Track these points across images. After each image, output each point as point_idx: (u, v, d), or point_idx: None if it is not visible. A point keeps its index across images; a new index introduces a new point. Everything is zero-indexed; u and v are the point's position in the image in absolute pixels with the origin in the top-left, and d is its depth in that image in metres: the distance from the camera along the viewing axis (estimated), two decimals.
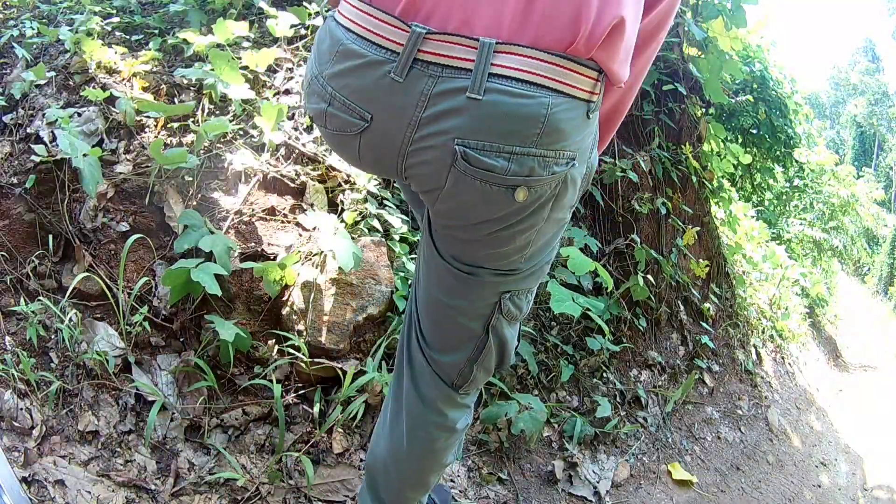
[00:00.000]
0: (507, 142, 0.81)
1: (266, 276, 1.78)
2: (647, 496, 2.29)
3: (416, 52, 0.81)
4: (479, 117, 0.80)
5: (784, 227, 8.04)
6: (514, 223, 0.92)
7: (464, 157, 0.82)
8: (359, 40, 0.85)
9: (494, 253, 0.98)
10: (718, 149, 4.29)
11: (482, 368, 1.14)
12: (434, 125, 0.83)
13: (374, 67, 0.84)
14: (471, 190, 0.86)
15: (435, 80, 0.81)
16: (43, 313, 1.74)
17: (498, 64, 0.79)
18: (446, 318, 1.09)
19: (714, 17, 3.09)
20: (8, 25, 2.66)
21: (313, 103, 0.93)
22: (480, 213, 0.91)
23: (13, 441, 1.44)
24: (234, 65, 2.16)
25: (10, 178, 1.96)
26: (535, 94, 0.80)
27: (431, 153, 0.85)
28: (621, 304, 2.82)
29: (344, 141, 0.93)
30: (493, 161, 0.82)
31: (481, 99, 0.79)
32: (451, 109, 0.81)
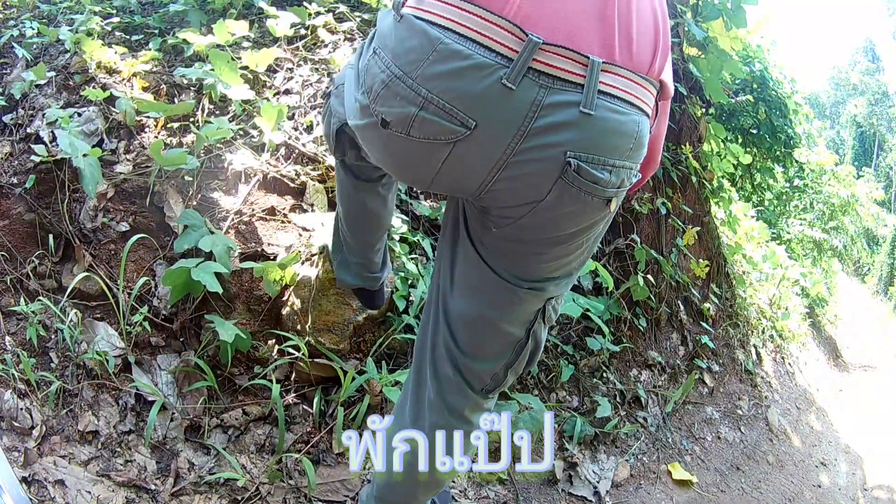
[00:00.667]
0: (611, 156, 0.86)
1: (266, 276, 1.78)
2: (647, 496, 2.29)
3: (530, 61, 0.80)
4: (590, 131, 0.83)
5: (784, 227, 8.04)
6: (592, 231, 0.96)
7: (576, 170, 0.84)
8: (463, 40, 0.80)
9: (559, 262, 1.00)
10: (718, 149, 4.28)
11: (514, 371, 1.15)
12: (544, 137, 0.82)
13: (483, 71, 0.80)
14: (574, 201, 0.88)
15: (546, 91, 0.81)
16: (43, 313, 1.74)
17: (604, 82, 0.83)
18: (492, 328, 1.09)
19: (714, 17, 3.09)
20: (8, 25, 2.66)
21: (394, 106, 0.85)
22: (574, 224, 0.93)
23: (13, 441, 1.44)
24: (234, 66, 2.16)
25: (10, 178, 1.96)
26: (630, 112, 0.86)
27: (537, 165, 0.85)
28: (621, 304, 2.82)
29: (427, 150, 0.87)
30: (600, 174, 0.86)
31: (593, 114, 0.82)
32: (563, 122, 0.82)
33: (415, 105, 0.83)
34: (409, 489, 1.26)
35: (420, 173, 0.93)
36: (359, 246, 1.50)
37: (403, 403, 1.26)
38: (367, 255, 1.53)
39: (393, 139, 0.89)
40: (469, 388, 1.14)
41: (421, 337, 1.22)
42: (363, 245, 1.49)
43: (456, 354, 1.13)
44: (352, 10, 2.85)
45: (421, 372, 1.20)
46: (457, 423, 1.17)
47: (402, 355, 2.03)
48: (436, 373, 1.17)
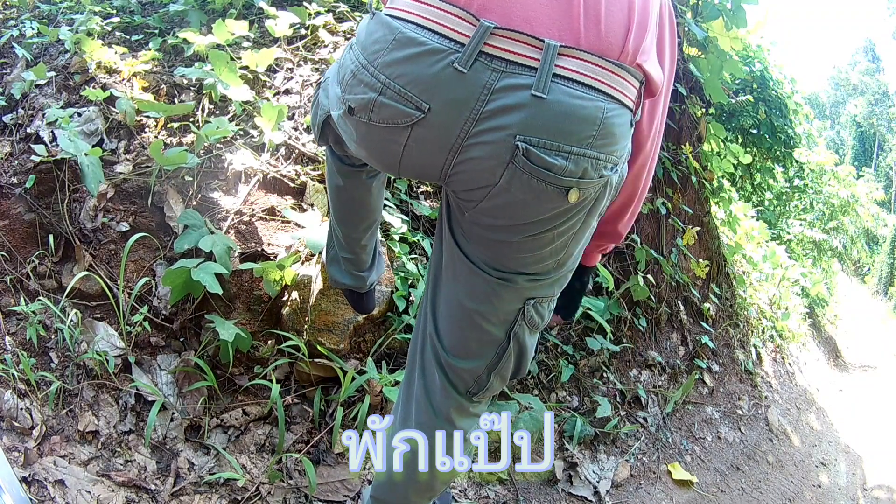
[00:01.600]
0: (567, 141, 0.83)
1: (266, 276, 1.78)
2: (647, 496, 2.29)
3: (482, 45, 0.81)
4: (542, 115, 0.81)
5: (784, 227, 8.04)
6: (558, 225, 0.93)
7: (525, 154, 0.83)
8: (419, 29, 0.83)
9: (532, 256, 0.98)
10: (718, 149, 4.28)
11: (499, 376, 1.13)
12: (495, 119, 0.82)
13: (436, 56, 0.82)
14: (525, 188, 0.86)
15: (499, 75, 0.81)
16: (43, 313, 1.74)
17: (561, 66, 0.81)
18: (469, 322, 1.08)
19: (714, 17, 3.09)
20: (8, 25, 2.67)
21: (358, 93, 0.88)
22: (530, 213, 0.91)
23: (13, 441, 1.44)
24: (234, 66, 2.16)
25: (10, 178, 1.96)
26: (593, 97, 0.83)
27: (488, 148, 0.84)
28: (621, 304, 2.82)
29: (388, 135, 0.89)
30: (552, 159, 0.83)
31: (545, 97, 0.81)
32: (514, 105, 0.81)
33: (374, 91, 0.86)
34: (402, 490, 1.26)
35: (387, 158, 0.94)
36: (347, 241, 1.48)
37: (398, 402, 1.26)
38: (354, 251, 1.49)
39: (359, 126, 0.91)
40: (454, 389, 1.13)
41: (414, 333, 1.22)
42: (351, 240, 1.47)
43: (439, 351, 1.13)
44: (352, 10, 2.85)
45: (412, 370, 1.20)
46: (441, 425, 1.16)
47: (402, 355, 2.03)
48: (423, 371, 1.16)
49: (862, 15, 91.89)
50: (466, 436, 1.20)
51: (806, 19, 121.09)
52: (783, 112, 4.86)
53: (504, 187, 0.87)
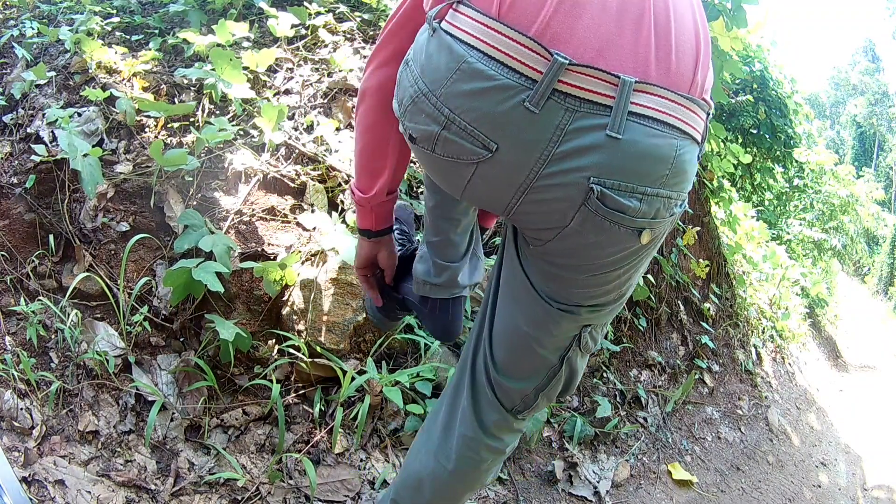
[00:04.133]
0: (641, 182, 0.80)
1: (266, 276, 1.78)
2: (647, 496, 2.29)
3: (555, 83, 0.76)
4: (617, 156, 0.78)
5: (784, 227, 8.04)
6: (627, 264, 0.91)
7: (599, 197, 0.79)
8: (487, 60, 0.77)
9: (597, 290, 0.97)
10: (718, 149, 4.29)
11: (546, 397, 1.12)
12: (568, 161, 0.78)
13: (507, 93, 0.77)
14: (598, 230, 0.83)
15: (572, 115, 0.77)
16: (43, 313, 1.74)
17: (636, 103, 0.77)
18: (524, 346, 1.06)
19: (714, 18, 3.09)
20: (8, 25, 2.67)
21: (420, 124, 0.84)
22: (601, 255, 0.88)
23: (13, 441, 1.44)
24: (236, 63, 2.16)
25: (10, 178, 1.96)
26: (666, 135, 0.80)
27: (560, 190, 0.81)
28: None
29: (452, 167, 0.85)
30: (626, 202, 0.80)
31: (621, 138, 0.77)
32: (588, 146, 0.77)
33: (438, 124, 0.81)
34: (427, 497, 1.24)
35: (452, 186, 0.91)
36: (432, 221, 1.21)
37: (438, 409, 1.24)
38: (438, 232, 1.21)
39: (421, 153, 0.88)
40: (500, 405, 1.13)
41: (468, 342, 1.19)
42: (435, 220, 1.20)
43: (490, 367, 1.11)
44: (352, 10, 2.85)
45: (461, 379, 1.18)
46: (486, 439, 1.14)
47: (402, 355, 2.03)
48: (474, 382, 1.15)
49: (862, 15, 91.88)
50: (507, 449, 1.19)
51: (806, 19, 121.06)
52: (783, 112, 4.86)
53: (576, 230, 0.84)
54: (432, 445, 1.21)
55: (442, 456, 1.19)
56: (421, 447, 1.25)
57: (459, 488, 1.21)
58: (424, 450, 1.23)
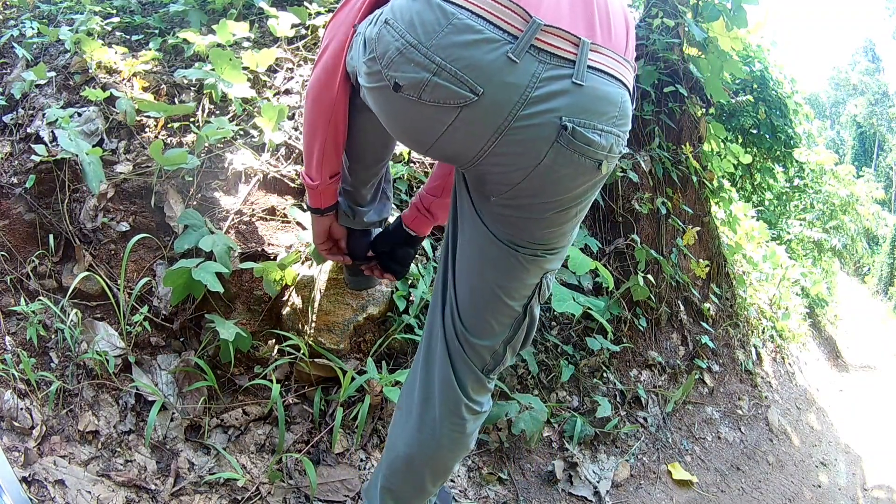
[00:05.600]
0: (600, 121, 0.97)
1: (266, 276, 1.78)
2: (647, 496, 2.29)
3: (532, 39, 0.92)
4: (581, 99, 0.95)
5: (784, 227, 8.04)
6: (583, 199, 1.07)
7: (571, 133, 0.94)
8: (476, 18, 0.91)
9: (558, 230, 1.10)
10: (718, 149, 4.29)
11: (511, 349, 1.23)
12: (542, 104, 0.93)
13: (492, 45, 0.91)
14: (569, 164, 0.98)
15: (544, 66, 0.93)
16: (43, 313, 1.74)
17: (592, 59, 0.96)
18: (494, 300, 1.17)
19: (715, 18, 3.09)
20: (8, 25, 2.67)
21: (408, 72, 0.94)
22: (567, 188, 1.03)
23: (13, 441, 1.44)
24: (236, 63, 2.16)
25: (10, 178, 1.96)
26: (614, 84, 0.98)
27: (535, 130, 0.95)
28: (621, 304, 2.82)
29: (434, 114, 0.96)
30: (592, 136, 0.96)
31: (584, 84, 0.94)
32: (558, 91, 0.93)
33: (428, 71, 0.92)
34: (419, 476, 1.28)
35: (422, 136, 1.01)
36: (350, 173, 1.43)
37: (412, 384, 1.29)
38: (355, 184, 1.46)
39: (402, 102, 0.97)
40: (473, 365, 1.22)
41: (430, 318, 1.28)
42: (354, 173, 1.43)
43: (460, 330, 1.21)
44: None
45: (432, 348, 1.25)
46: (466, 400, 1.23)
47: (402, 355, 2.03)
48: (448, 348, 1.23)
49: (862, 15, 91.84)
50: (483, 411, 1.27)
51: (806, 19, 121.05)
52: (783, 112, 4.86)
53: (548, 165, 0.98)
54: (413, 421, 1.26)
55: (427, 429, 1.24)
56: (402, 426, 1.29)
57: (450, 457, 1.28)
58: (406, 428, 1.27)
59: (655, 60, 3.26)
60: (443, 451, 1.26)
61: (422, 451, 1.26)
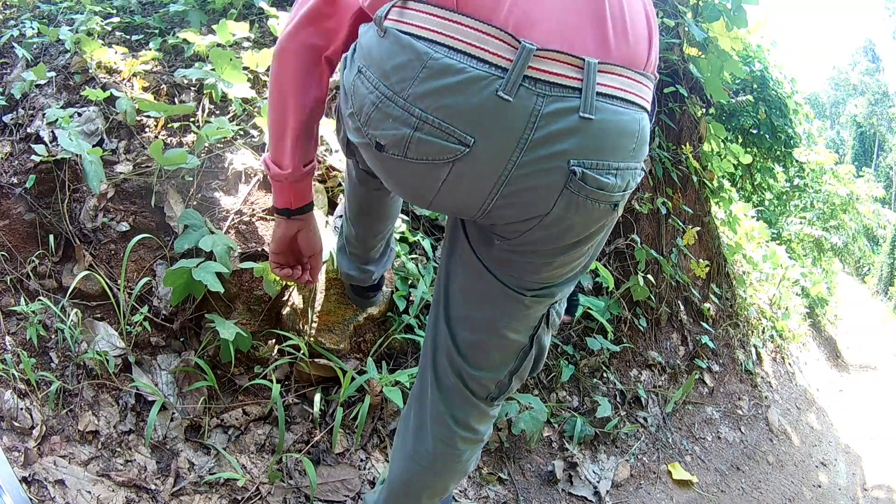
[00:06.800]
0: (615, 158, 0.83)
1: (266, 276, 1.78)
2: (647, 496, 2.29)
3: (525, 69, 0.76)
4: (591, 136, 0.80)
5: (784, 226, 8.04)
6: (598, 236, 0.94)
7: (581, 178, 0.81)
8: (454, 53, 0.76)
9: (568, 268, 0.98)
10: (718, 149, 4.29)
11: (518, 378, 1.12)
12: (546, 147, 0.79)
13: (478, 84, 0.76)
14: (581, 210, 0.85)
15: (544, 99, 0.77)
16: (43, 313, 1.74)
17: (602, 83, 0.80)
18: (496, 336, 1.06)
19: (715, 18, 3.09)
20: (8, 25, 2.67)
21: (388, 129, 0.81)
22: (580, 232, 0.90)
23: (13, 441, 1.44)
24: (237, 63, 2.16)
25: (10, 178, 1.96)
26: (631, 111, 0.83)
27: (542, 177, 0.81)
28: (621, 304, 2.82)
29: (425, 171, 0.83)
30: (605, 179, 0.83)
31: (594, 118, 0.79)
32: (564, 130, 0.78)
33: (409, 126, 0.79)
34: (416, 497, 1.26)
35: (420, 192, 0.89)
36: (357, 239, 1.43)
37: (408, 414, 1.24)
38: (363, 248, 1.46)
39: (389, 161, 0.85)
40: (474, 396, 1.12)
41: (424, 344, 1.19)
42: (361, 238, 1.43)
43: (459, 364, 1.10)
44: None
45: (424, 381, 1.17)
46: (462, 432, 1.14)
47: (403, 355, 2.03)
48: (438, 382, 1.14)
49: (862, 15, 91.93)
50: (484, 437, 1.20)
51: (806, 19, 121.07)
52: (783, 112, 4.86)
53: (558, 214, 0.85)
54: (408, 450, 1.21)
55: (420, 458, 1.19)
56: (399, 451, 1.25)
57: (446, 481, 1.23)
58: (402, 455, 1.23)
59: None
60: (439, 477, 1.21)
61: (418, 479, 1.22)
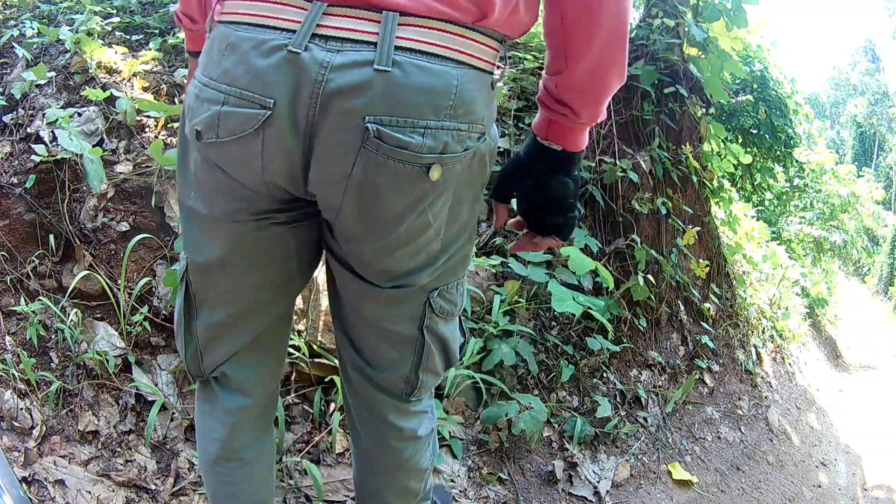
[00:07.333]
0: (421, 116, 0.76)
1: None
2: (647, 496, 2.29)
3: (314, 27, 0.74)
4: (389, 91, 0.74)
5: (784, 226, 8.05)
6: (427, 207, 0.84)
7: (377, 136, 0.75)
8: (252, 28, 0.77)
9: (410, 249, 0.89)
10: (719, 149, 4.29)
11: (428, 372, 1.05)
12: (339, 102, 0.75)
13: (270, 47, 0.76)
14: (383, 173, 0.78)
15: (335, 54, 0.74)
16: (43, 313, 1.74)
17: (404, 37, 0.74)
18: (379, 332, 1.01)
19: (715, 18, 3.09)
20: (8, 25, 2.67)
21: (203, 113, 0.81)
22: (393, 201, 0.82)
23: (13, 441, 1.44)
24: None
25: (10, 178, 1.96)
26: (442, 66, 0.77)
27: (338, 136, 0.77)
28: (621, 304, 2.82)
29: (241, 148, 0.80)
30: (408, 138, 0.76)
31: (390, 71, 0.74)
32: (357, 85, 0.74)
33: (217, 103, 0.79)
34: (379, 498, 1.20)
35: (251, 170, 0.83)
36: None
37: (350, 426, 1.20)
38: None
39: (210, 150, 0.84)
40: (387, 394, 1.07)
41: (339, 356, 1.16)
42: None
43: (360, 364, 1.06)
44: None
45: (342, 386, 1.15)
46: (388, 431, 1.09)
47: None
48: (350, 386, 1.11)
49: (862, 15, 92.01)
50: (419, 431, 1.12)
51: (806, 19, 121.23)
52: (783, 112, 4.87)
53: (360, 176, 0.79)
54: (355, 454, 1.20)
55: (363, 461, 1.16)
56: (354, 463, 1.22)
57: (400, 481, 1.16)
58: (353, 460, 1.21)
59: (655, 60, 3.26)
60: (391, 478, 1.15)
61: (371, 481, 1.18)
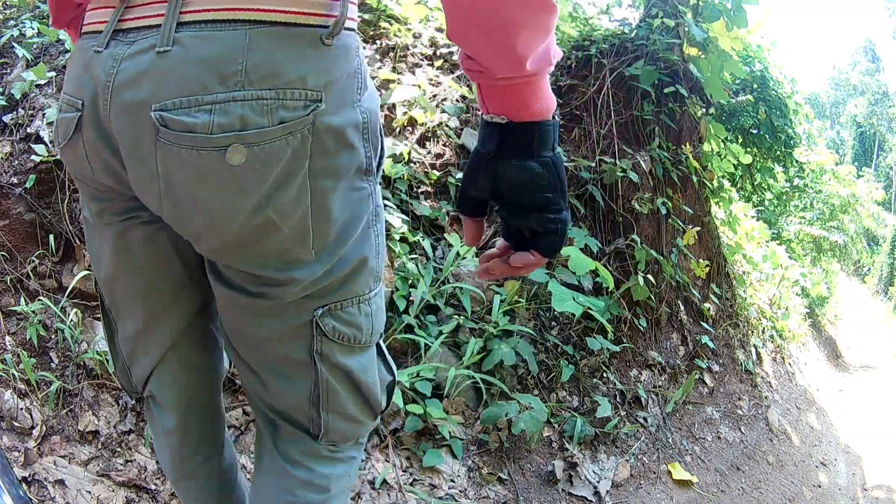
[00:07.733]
0: (206, 91, 0.67)
1: None
2: (647, 496, 2.29)
3: (115, 23, 0.72)
4: (169, 73, 0.67)
5: (784, 226, 8.05)
6: (262, 203, 0.71)
7: (162, 123, 0.67)
8: (85, 37, 0.78)
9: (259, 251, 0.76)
10: (718, 149, 4.29)
11: (335, 413, 0.87)
12: (129, 95, 0.69)
13: (85, 52, 0.75)
14: (182, 165, 0.69)
15: (129, 45, 0.70)
16: (43, 313, 1.74)
17: (186, 10, 0.68)
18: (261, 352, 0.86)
19: (715, 18, 3.09)
20: (8, 25, 2.67)
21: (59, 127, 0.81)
22: (210, 199, 0.71)
23: (13, 441, 1.44)
24: None
25: (10, 178, 1.96)
26: (228, 31, 0.67)
27: (133, 132, 0.70)
28: (621, 304, 2.82)
29: (73, 153, 0.79)
30: (193, 119, 0.67)
31: (169, 50, 0.67)
32: (141, 73, 0.68)
33: (60, 111, 0.80)
34: None
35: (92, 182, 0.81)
36: None
37: None
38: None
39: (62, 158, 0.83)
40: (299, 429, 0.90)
41: None
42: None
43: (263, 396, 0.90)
44: None
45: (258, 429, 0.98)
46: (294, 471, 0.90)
47: (403, 355, 2.03)
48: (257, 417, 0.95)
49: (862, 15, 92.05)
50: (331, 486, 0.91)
51: (806, 19, 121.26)
52: (783, 112, 4.87)
53: (165, 174, 0.70)
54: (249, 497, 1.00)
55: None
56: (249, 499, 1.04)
57: None
58: None
59: (655, 60, 3.26)
60: None
61: None
